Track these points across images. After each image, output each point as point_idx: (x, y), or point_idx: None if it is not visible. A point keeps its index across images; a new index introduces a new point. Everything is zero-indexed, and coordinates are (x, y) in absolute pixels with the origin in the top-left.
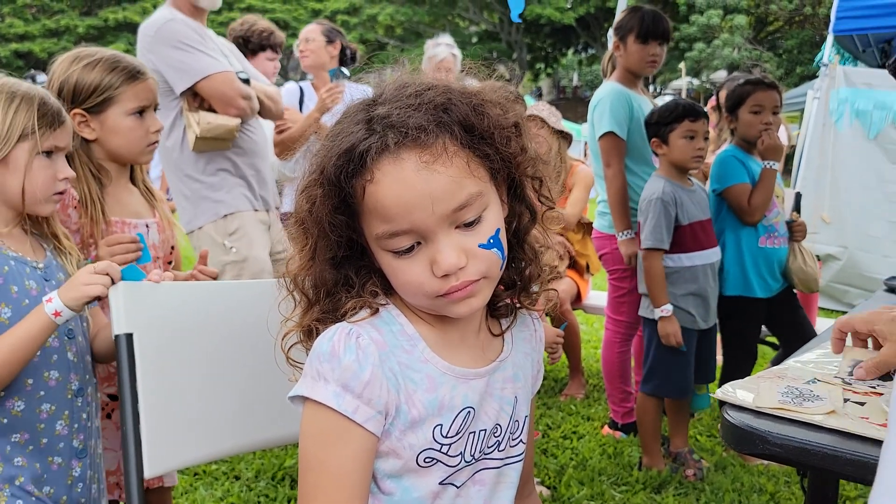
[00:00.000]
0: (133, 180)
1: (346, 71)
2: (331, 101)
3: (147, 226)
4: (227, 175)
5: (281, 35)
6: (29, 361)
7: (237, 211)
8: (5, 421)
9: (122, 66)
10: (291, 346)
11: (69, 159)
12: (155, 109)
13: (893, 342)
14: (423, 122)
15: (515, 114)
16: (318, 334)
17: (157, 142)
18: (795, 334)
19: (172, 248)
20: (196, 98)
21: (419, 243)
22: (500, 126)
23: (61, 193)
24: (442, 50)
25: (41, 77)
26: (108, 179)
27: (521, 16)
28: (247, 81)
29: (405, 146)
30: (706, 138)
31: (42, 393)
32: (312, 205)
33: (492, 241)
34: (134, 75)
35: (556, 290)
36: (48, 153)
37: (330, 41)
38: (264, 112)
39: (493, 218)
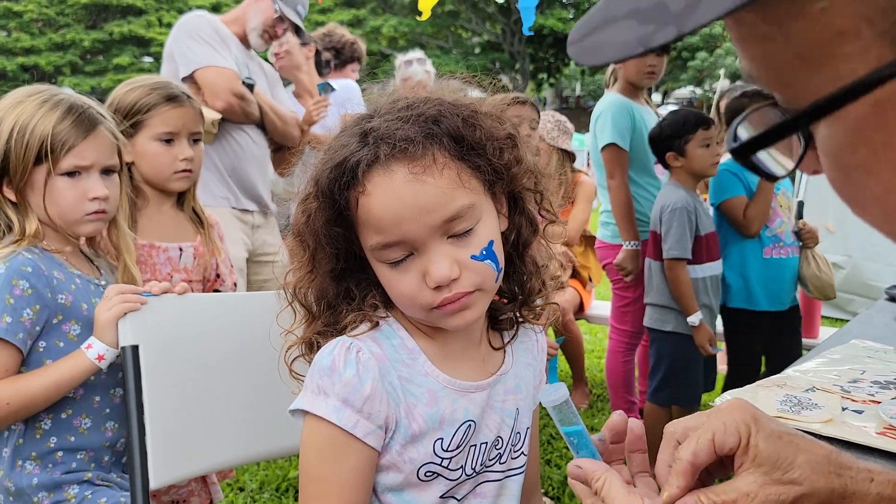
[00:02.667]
0: (182, 203)
1: (333, 84)
2: (316, 113)
3: (181, 249)
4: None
5: (363, 45)
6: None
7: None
8: (73, 439)
9: (158, 90)
10: (294, 359)
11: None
12: (195, 139)
13: (769, 474)
14: (412, 134)
15: (511, 125)
16: (318, 347)
17: (187, 170)
18: (784, 357)
19: (218, 276)
20: (199, 91)
21: (412, 254)
22: (493, 137)
23: (100, 213)
24: (416, 69)
25: (67, 90)
26: (144, 202)
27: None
28: (250, 87)
29: (395, 158)
30: (718, 143)
31: (108, 410)
32: (308, 217)
33: (485, 252)
34: (169, 98)
35: (558, 303)
36: (72, 173)
37: (303, 44)
38: (270, 128)
39: (487, 230)
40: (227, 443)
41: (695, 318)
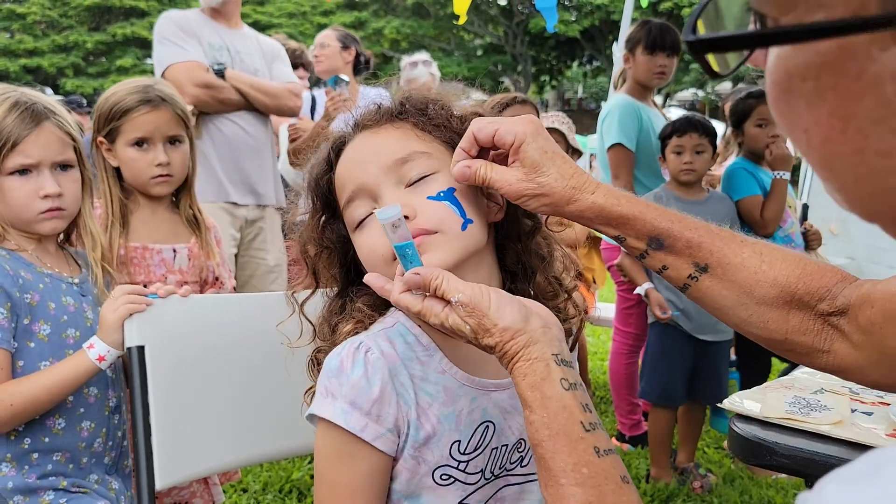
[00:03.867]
0: (178, 205)
1: (345, 77)
2: (333, 108)
3: (175, 250)
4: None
5: (309, 54)
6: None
7: None
8: (47, 440)
9: (133, 94)
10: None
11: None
12: (174, 142)
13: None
14: (377, 111)
15: (475, 105)
16: (321, 365)
17: (165, 174)
18: None
19: (217, 278)
20: None
21: (375, 209)
22: (459, 114)
23: (55, 210)
24: (421, 71)
25: (48, 91)
26: (136, 205)
27: (526, 28)
28: (219, 73)
29: (360, 129)
30: (699, 151)
31: (82, 410)
32: (309, 223)
33: (442, 194)
34: (142, 102)
35: (580, 294)
36: (21, 171)
37: (345, 47)
38: (259, 107)
39: (447, 180)
40: (232, 444)
41: (642, 288)
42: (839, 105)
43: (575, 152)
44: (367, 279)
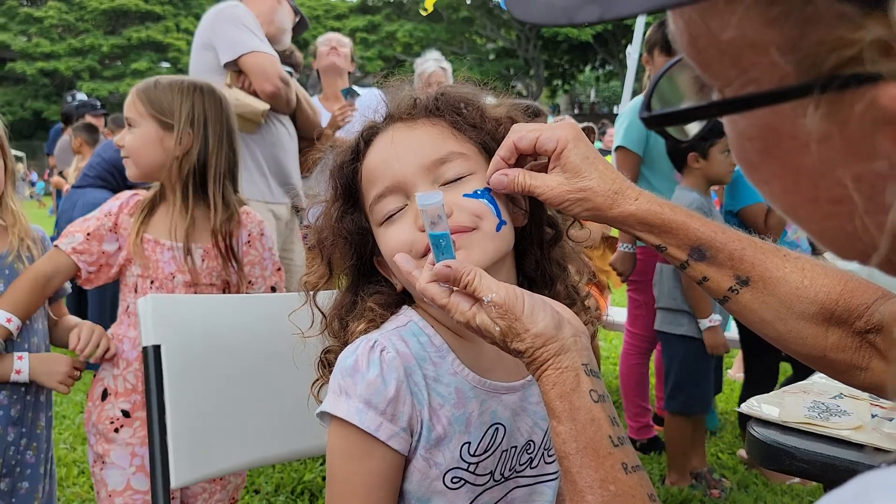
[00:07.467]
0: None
1: (357, 90)
2: (342, 118)
3: (189, 250)
4: (244, 160)
5: (300, 55)
6: None
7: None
8: None
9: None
10: (321, 387)
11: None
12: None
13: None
14: (412, 107)
15: (509, 108)
16: (331, 365)
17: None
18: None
19: (250, 281)
20: (240, 78)
21: (407, 206)
22: (492, 116)
23: None
24: (430, 65)
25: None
26: (163, 198)
27: (538, 32)
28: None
29: (394, 121)
30: (728, 152)
31: None
32: (326, 209)
33: (479, 192)
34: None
35: (594, 299)
36: None
37: (352, 60)
38: (302, 118)
39: (481, 182)
40: (244, 444)
41: (708, 321)
42: (788, 160)
43: None
44: (396, 258)
